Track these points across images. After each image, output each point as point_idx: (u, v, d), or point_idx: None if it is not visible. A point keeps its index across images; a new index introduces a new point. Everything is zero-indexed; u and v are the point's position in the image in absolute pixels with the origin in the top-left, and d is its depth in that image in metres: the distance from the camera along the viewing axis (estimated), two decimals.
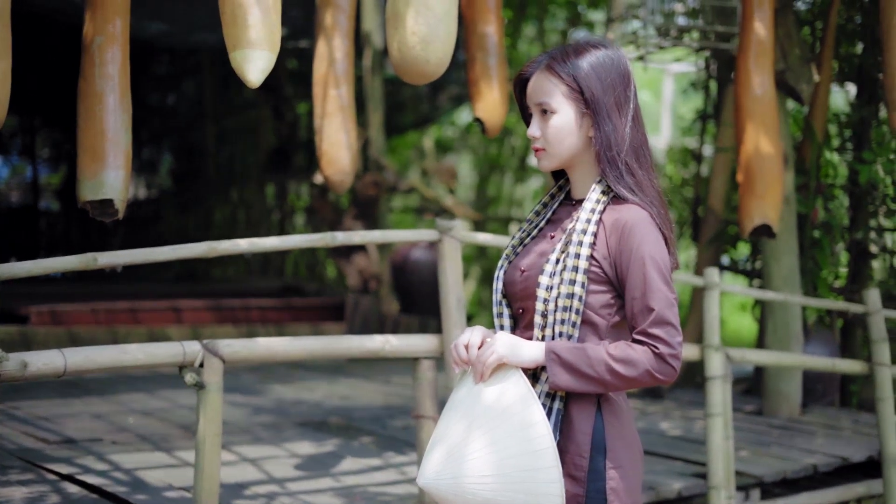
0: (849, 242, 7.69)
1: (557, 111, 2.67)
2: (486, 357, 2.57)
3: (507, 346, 2.58)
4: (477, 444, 2.53)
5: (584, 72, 2.66)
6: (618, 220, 2.62)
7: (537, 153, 2.72)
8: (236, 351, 3.82)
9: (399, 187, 10.73)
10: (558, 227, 2.74)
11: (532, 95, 2.71)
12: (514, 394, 2.55)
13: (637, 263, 2.58)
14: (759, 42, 5.63)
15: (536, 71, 2.71)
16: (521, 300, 2.69)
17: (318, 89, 5.19)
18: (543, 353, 2.57)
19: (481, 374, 2.58)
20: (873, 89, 7.61)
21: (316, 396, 7.43)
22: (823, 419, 6.94)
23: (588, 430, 2.60)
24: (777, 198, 5.59)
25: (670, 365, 2.56)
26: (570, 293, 2.58)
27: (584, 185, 2.75)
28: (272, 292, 11.34)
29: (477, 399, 2.59)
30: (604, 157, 2.66)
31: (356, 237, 4.45)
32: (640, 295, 2.57)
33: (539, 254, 2.70)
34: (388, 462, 5.48)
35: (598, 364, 2.54)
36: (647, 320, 2.56)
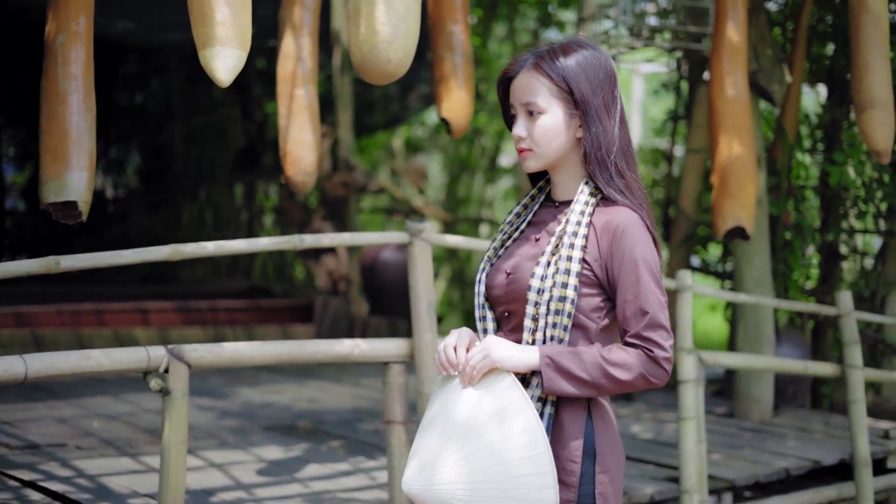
0: (820, 244, 7.68)
1: (546, 111, 2.63)
2: (477, 361, 2.53)
3: (500, 350, 2.54)
4: (468, 449, 2.49)
5: (573, 71, 2.62)
6: (609, 223, 2.59)
7: (523, 154, 2.68)
8: (202, 356, 3.75)
9: (369, 188, 10.65)
10: (542, 230, 2.71)
11: (518, 95, 2.66)
12: (507, 398, 2.51)
13: (630, 266, 2.56)
14: (732, 43, 5.60)
15: (522, 70, 2.67)
16: (507, 303, 2.65)
17: (282, 88, 5.11)
18: (538, 358, 2.53)
19: (471, 378, 2.54)
20: (844, 90, 7.61)
21: (284, 400, 7.35)
22: (795, 421, 6.92)
23: (579, 435, 2.58)
24: (751, 200, 5.56)
25: (663, 368, 2.56)
26: (562, 296, 2.55)
27: (568, 187, 2.72)
28: (240, 293, 11.23)
29: (467, 404, 2.54)
30: (593, 159, 2.63)
31: (325, 239, 4.38)
32: (632, 298, 2.55)
33: (525, 256, 2.67)
34: (357, 467, 5.41)
35: (593, 368, 2.52)
36: (641, 323, 2.54)
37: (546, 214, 2.74)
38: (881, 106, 5.16)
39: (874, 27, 5.20)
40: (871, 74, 5.18)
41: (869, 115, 5.17)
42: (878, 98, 5.16)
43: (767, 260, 6.85)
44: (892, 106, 5.25)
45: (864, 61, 5.19)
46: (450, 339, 2.63)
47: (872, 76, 5.18)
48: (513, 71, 2.69)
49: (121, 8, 9.29)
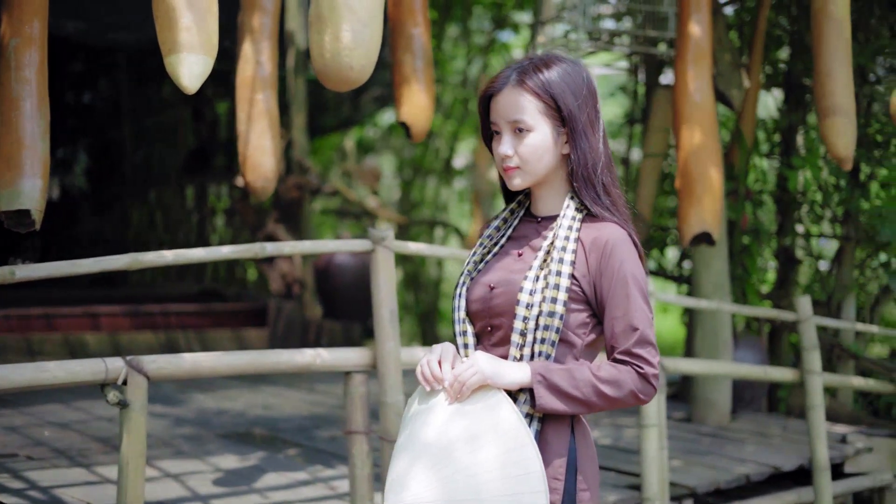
0: (776, 248, 7.71)
1: (534, 129, 2.60)
2: (467, 376, 2.49)
3: (491, 366, 2.50)
4: (457, 466, 2.44)
5: (559, 87, 2.60)
6: (598, 239, 2.57)
7: (509, 172, 2.64)
8: (161, 367, 3.67)
9: (322, 189, 10.56)
10: (525, 245, 2.68)
11: (503, 112, 2.62)
12: (499, 415, 2.47)
13: (620, 283, 2.54)
14: (696, 46, 5.58)
15: (506, 87, 2.62)
16: (491, 317, 2.62)
17: (241, 93, 5.03)
18: (530, 375, 2.50)
19: (460, 394, 2.49)
20: (801, 95, 7.64)
21: (238, 406, 7.24)
22: (752, 426, 6.93)
23: (564, 452, 2.56)
24: (716, 205, 5.54)
25: (652, 385, 2.55)
26: (551, 311, 2.52)
27: (551, 202, 2.70)
28: (191, 297, 11.08)
29: (454, 420, 2.49)
30: (580, 177, 2.61)
31: (286, 248, 4.30)
32: (622, 314, 2.54)
33: (508, 271, 2.64)
34: (315, 476, 5.33)
35: (584, 386, 2.50)
36: (631, 340, 2.53)
37: (527, 230, 2.72)
38: (843, 112, 5.16)
39: (836, 34, 5.20)
40: (834, 81, 5.18)
41: (831, 121, 5.17)
42: (841, 105, 5.16)
43: (725, 264, 6.86)
44: (854, 112, 5.25)
45: (826, 68, 5.19)
46: (433, 353, 2.60)
47: (835, 83, 5.18)
48: (495, 88, 2.65)
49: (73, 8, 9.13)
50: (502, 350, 2.59)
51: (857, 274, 7.59)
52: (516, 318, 2.54)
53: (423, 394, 2.60)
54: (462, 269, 2.74)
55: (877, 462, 6.52)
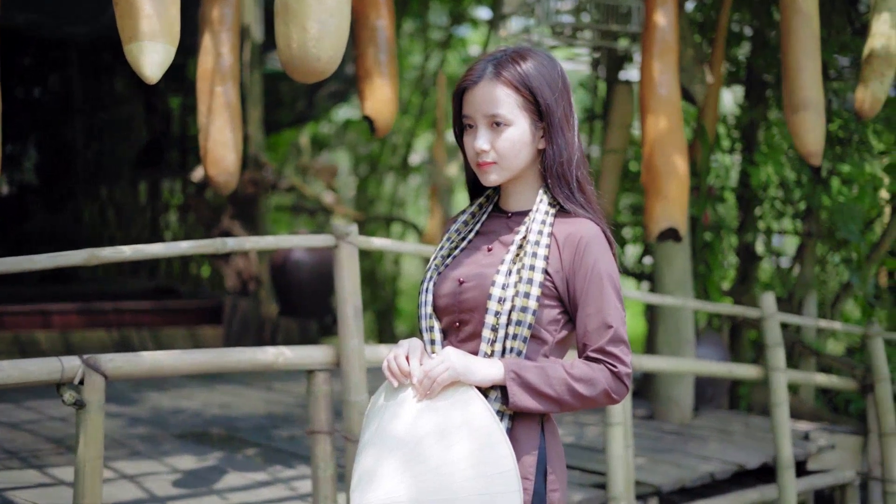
0: (738, 245, 7.69)
1: (512, 123, 2.53)
2: (437, 373, 2.41)
3: (463, 362, 2.43)
4: (427, 463, 2.36)
5: (537, 81, 2.54)
6: (572, 235, 2.52)
7: (485, 167, 2.56)
8: (119, 366, 3.55)
9: (279, 186, 10.42)
10: (495, 240, 2.61)
11: (480, 106, 2.55)
12: (471, 412, 2.39)
13: (594, 280, 2.49)
14: (663, 41, 5.52)
15: (482, 80, 2.55)
16: (460, 312, 2.55)
17: (202, 85, 4.93)
18: (502, 372, 2.43)
19: (431, 390, 2.41)
20: (761, 91, 7.62)
21: (194, 405, 7.11)
22: (715, 423, 6.91)
23: (534, 451, 2.49)
24: (683, 200, 5.49)
25: (625, 384, 2.50)
26: (523, 306, 2.45)
27: (522, 198, 2.64)
28: (145, 294, 10.91)
29: (424, 415, 2.41)
30: (555, 172, 2.56)
31: (247, 243, 4.19)
32: (595, 311, 2.48)
33: (478, 265, 2.57)
34: (275, 476, 5.23)
35: (558, 384, 2.43)
36: (605, 338, 2.47)
37: (497, 225, 2.65)
38: (812, 108, 5.12)
39: (805, 28, 5.16)
40: (803, 76, 5.14)
41: (800, 116, 5.13)
42: (810, 100, 5.12)
43: (688, 261, 6.82)
44: (823, 107, 5.21)
45: (794, 62, 5.15)
46: (400, 349, 2.52)
47: (804, 78, 5.14)
48: (471, 80, 2.57)
49: None
50: (471, 346, 2.52)
51: (819, 270, 7.58)
52: (488, 312, 2.48)
53: (389, 390, 2.52)
54: (429, 264, 2.67)
55: (839, 459, 6.52)
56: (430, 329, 2.59)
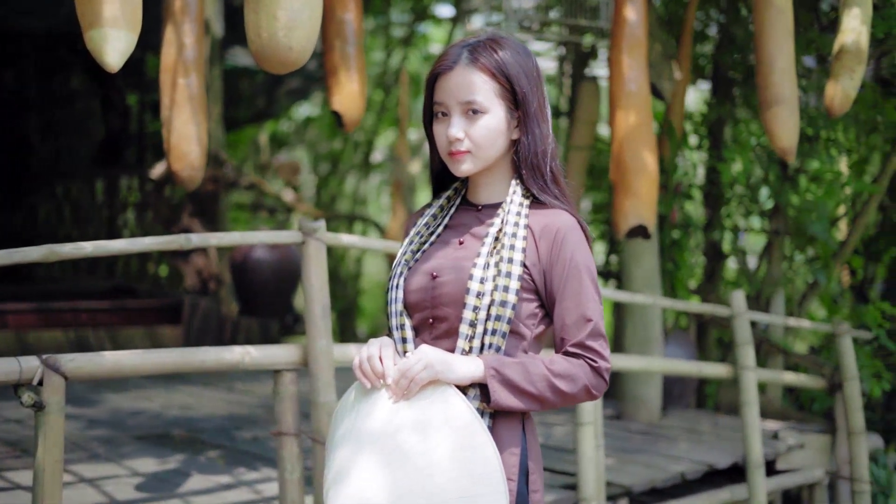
0: (705, 243, 7.65)
1: (489, 111, 2.44)
2: (415, 372, 2.30)
3: (440, 359, 2.32)
4: (407, 468, 2.25)
5: (514, 69, 2.45)
6: (548, 227, 2.43)
7: (458, 156, 2.46)
8: (80, 367, 3.41)
9: (239, 183, 10.28)
10: (465, 233, 2.52)
11: (455, 93, 2.44)
12: (451, 411, 2.29)
13: (573, 272, 2.40)
14: (632, 36, 5.44)
15: (457, 65, 2.45)
16: (434, 308, 2.44)
17: (165, 78, 4.79)
18: (482, 370, 2.33)
19: (408, 391, 2.30)
20: (728, 88, 7.57)
21: (154, 406, 6.97)
22: (683, 423, 6.86)
23: (517, 451, 2.41)
24: (652, 197, 5.40)
25: (605, 379, 2.43)
26: (503, 300, 2.36)
27: (492, 190, 2.55)
28: (102, 293, 10.71)
29: (399, 414, 2.31)
30: (529, 163, 2.47)
31: (213, 240, 4.07)
32: (574, 305, 2.40)
33: (451, 259, 2.47)
34: (239, 479, 5.11)
35: (539, 380, 2.34)
36: (585, 332, 2.39)
37: (466, 218, 2.56)
38: (786, 103, 5.05)
39: (779, 23, 5.09)
40: (777, 71, 5.07)
41: (774, 112, 5.06)
42: (783, 95, 5.05)
43: (656, 259, 6.76)
44: (797, 103, 5.15)
45: (768, 57, 5.08)
46: (372, 348, 2.41)
47: (778, 73, 5.07)
48: (445, 66, 2.47)
49: None
50: (446, 343, 2.43)
51: (786, 268, 7.56)
52: (465, 307, 2.38)
53: (360, 390, 2.42)
54: (397, 260, 2.57)
55: (808, 458, 6.48)
56: (401, 327, 2.49)
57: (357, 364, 2.40)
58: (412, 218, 2.67)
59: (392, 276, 2.54)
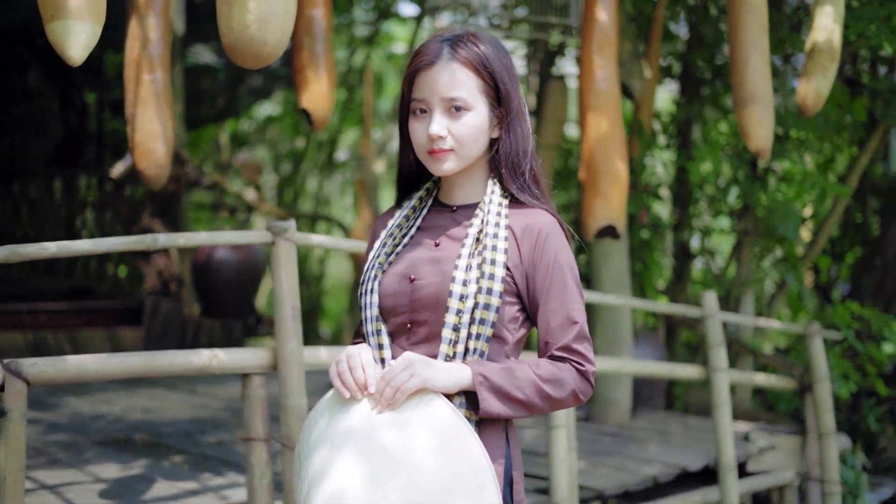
0: (674, 243, 7.61)
1: (473, 108, 2.35)
2: (401, 381, 2.19)
3: (428, 368, 2.22)
4: (388, 463, 2.15)
5: (497, 65, 2.38)
6: (530, 227, 2.35)
7: (440, 154, 2.37)
8: (43, 371, 3.30)
9: (201, 182, 10.14)
10: (441, 234, 2.42)
11: (437, 88, 2.35)
12: (441, 422, 2.18)
13: (557, 273, 2.33)
14: (603, 34, 5.37)
15: (439, 60, 2.35)
16: (412, 312, 2.35)
17: (130, 73, 4.66)
18: (470, 376, 2.23)
19: (394, 401, 2.20)
20: (696, 88, 7.54)
21: (116, 410, 6.82)
22: (653, 425, 6.81)
23: (501, 460, 2.33)
24: (622, 197, 5.34)
25: (591, 384, 2.35)
26: (487, 304, 2.27)
27: (468, 190, 2.46)
28: (61, 294, 10.51)
29: (384, 429, 2.20)
30: (510, 163, 2.39)
31: (181, 239, 3.95)
32: (559, 307, 2.31)
33: (430, 261, 2.37)
34: (205, 485, 4.99)
35: (527, 386, 2.25)
36: (571, 334, 2.31)
37: (440, 219, 2.47)
38: (761, 101, 5.00)
39: (754, 20, 5.03)
40: (751, 69, 5.02)
41: (749, 111, 5.00)
42: (758, 93, 5.00)
43: (625, 259, 6.70)
44: (772, 102, 5.10)
45: (743, 55, 5.02)
46: (352, 358, 2.30)
47: (752, 71, 5.01)
48: (426, 61, 2.37)
49: None
50: (425, 349, 2.33)
51: (755, 269, 7.53)
52: (448, 311, 2.29)
53: (335, 400, 2.31)
54: (370, 262, 2.46)
55: (779, 460, 6.44)
56: (377, 333, 2.39)
57: (335, 373, 2.30)
58: (380, 220, 2.58)
59: (364, 279, 2.44)
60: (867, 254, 8.37)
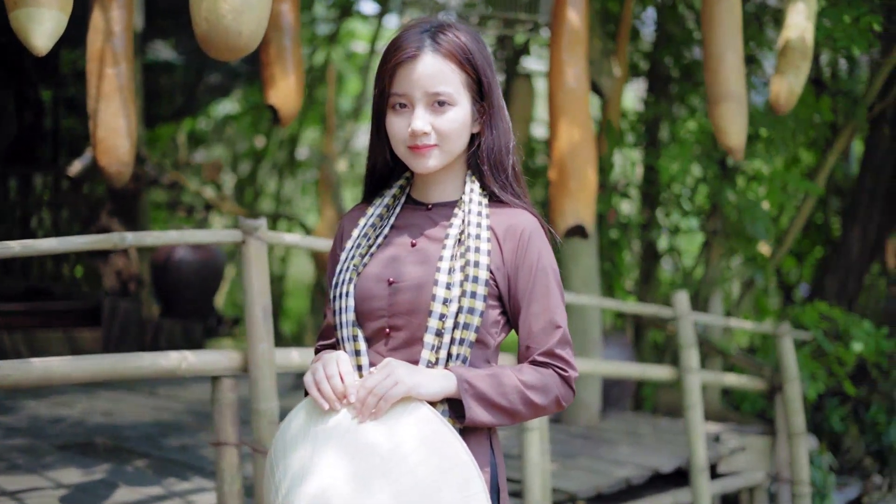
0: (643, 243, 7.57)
1: (457, 103, 2.26)
2: (385, 389, 2.08)
3: (412, 375, 2.12)
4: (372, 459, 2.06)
5: (479, 58, 2.29)
6: (512, 228, 2.26)
7: (424, 151, 2.27)
8: (7, 374, 3.21)
9: (160, 181, 9.97)
10: (418, 234, 2.32)
11: (422, 82, 2.24)
12: (427, 431, 2.09)
13: (540, 276, 2.25)
14: (573, 31, 5.29)
15: (423, 53, 2.25)
16: (391, 317, 2.24)
17: (92, 67, 4.53)
18: (455, 383, 2.14)
19: (378, 410, 2.09)
20: (664, 86, 7.49)
21: (75, 413, 6.67)
22: (623, 426, 6.76)
23: (487, 469, 2.24)
24: (591, 196, 5.26)
25: (572, 389, 2.27)
26: (471, 307, 2.18)
27: (445, 187, 2.36)
28: (16, 295, 10.29)
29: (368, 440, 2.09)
30: (492, 160, 2.30)
31: (149, 239, 3.84)
32: (542, 310, 2.23)
33: (408, 263, 2.27)
34: (169, 490, 4.86)
35: (512, 393, 2.16)
36: (554, 339, 2.23)
37: (415, 217, 2.36)
38: (735, 99, 4.94)
39: (729, 17, 4.97)
40: (726, 66, 4.96)
41: (723, 108, 4.94)
42: (733, 91, 4.94)
43: (595, 259, 6.64)
44: (746, 100, 5.04)
45: (717, 52, 4.96)
46: (328, 365, 2.18)
47: (727, 68, 4.96)
48: (407, 55, 2.26)
49: None
50: (404, 354, 2.23)
51: (724, 269, 7.50)
52: (431, 315, 2.19)
53: (311, 409, 2.20)
54: (343, 264, 2.33)
55: (749, 461, 6.41)
56: (354, 339, 2.27)
57: (312, 383, 2.18)
58: (348, 217, 2.46)
59: (337, 282, 2.32)
60: (829, 254, 8.37)
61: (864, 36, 5.71)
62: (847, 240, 8.06)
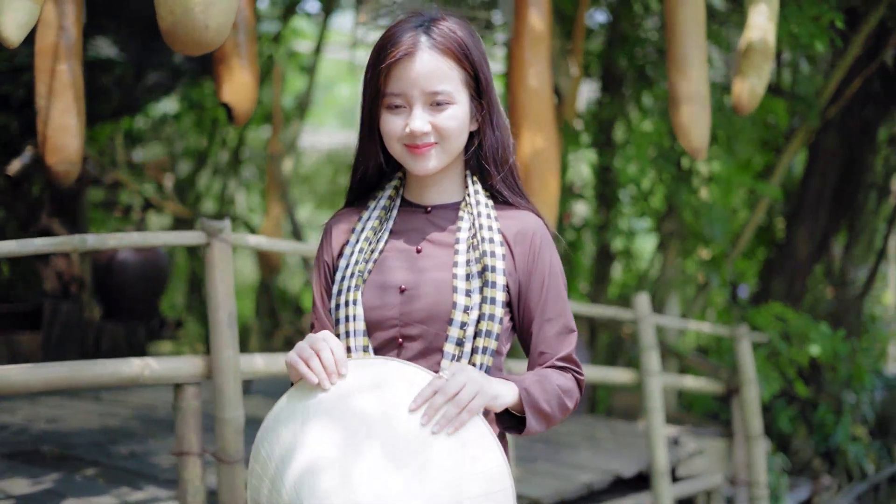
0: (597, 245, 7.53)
1: (456, 101, 2.17)
2: (465, 398, 1.94)
3: (490, 384, 2.01)
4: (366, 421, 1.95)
5: (476, 54, 2.20)
6: (523, 232, 2.19)
7: (423, 150, 2.17)
8: None
9: (102, 180, 9.76)
10: (421, 240, 2.22)
11: (419, 81, 2.15)
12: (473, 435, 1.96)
13: (554, 281, 2.19)
14: (535, 31, 5.20)
15: (419, 51, 2.14)
16: (404, 326, 2.14)
17: (42, 63, 4.38)
18: (516, 392, 2.05)
19: (455, 420, 1.94)
20: (618, 87, 7.45)
21: (17, 420, 6.46)
22: (581, 429, 6.71)
23: None
24: (554, 198, 5.18)
25: (582, 393, 2.24)
26: (492, 315, 2.10)
27: (444, 189, 2.27)
28: None
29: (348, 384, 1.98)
30: (496, 159, 2.23)
31: (111, 241, 3.69)
32: (557, 315, 2.19)
33: (419, 270, 2.17)
34: (122, 499, 4.70)
35: (553, 398, 2.12)
36: (572, 345, 2.20)
37: (415, 221, 2.27)
38: (698, 101, 4.88)
39: (692, 17, 4.90)
40: (689, 67, 4.89)
41: (685, 110, 4.87)
42: (696, 92, 4.88)
43: None
44: (709, 101, 4.98)
45: (681, 53, 4.89)
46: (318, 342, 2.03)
47: (690, 69, 4.89)
48: (403, 52, 2.16)
49: None
50: (420, 365, 2.10)
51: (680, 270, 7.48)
52: (452, 324, 2.10)
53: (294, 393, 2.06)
54: (346, 271, 2.22)
55: (707, 464, 6.39)
56: (365, 348, 2.16)
57: (297, 359, 2.02)
58: (336, 221, 2.34)
59: (340, 290, 2.20)
60: (774, 256, 8.40)
61: (826, 33, 5.70)
62: (792, 241, 8.09)
